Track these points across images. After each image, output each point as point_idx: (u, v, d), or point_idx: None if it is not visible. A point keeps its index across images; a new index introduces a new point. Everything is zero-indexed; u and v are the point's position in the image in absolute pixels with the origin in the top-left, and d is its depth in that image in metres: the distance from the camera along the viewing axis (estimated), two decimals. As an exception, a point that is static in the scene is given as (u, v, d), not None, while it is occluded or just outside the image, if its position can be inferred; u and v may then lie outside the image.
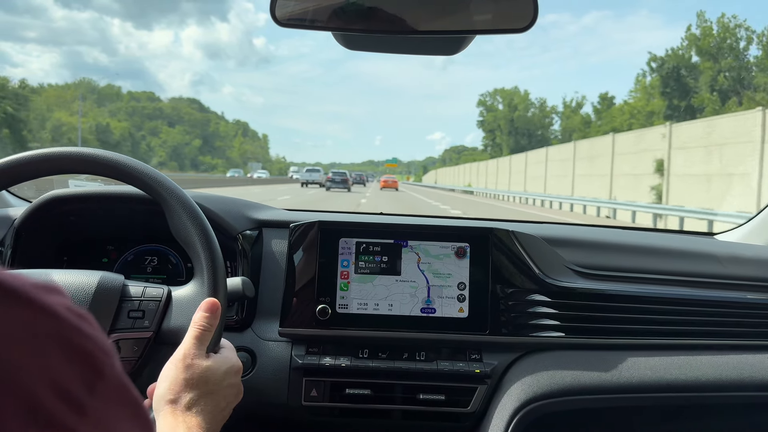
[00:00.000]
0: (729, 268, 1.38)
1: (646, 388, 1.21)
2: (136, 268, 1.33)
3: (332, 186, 35.72)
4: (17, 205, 1.45)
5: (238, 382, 0.86)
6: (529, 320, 1.23)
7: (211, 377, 0.81)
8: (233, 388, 0.85)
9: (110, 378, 0.36)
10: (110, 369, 0.36)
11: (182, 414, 0.77)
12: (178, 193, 0.93)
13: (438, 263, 1.23)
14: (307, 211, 1.49)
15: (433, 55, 1.02)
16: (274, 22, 0.90)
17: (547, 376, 1.19)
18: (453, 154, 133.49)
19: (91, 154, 0.94)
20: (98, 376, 0.35)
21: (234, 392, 0.86)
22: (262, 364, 1.19)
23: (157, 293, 0.93)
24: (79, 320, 0.35)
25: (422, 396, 1.18)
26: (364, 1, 0.88)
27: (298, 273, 1.22)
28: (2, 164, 0.93)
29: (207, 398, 0.80)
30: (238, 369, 0.87)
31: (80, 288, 0.90)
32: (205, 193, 1.30)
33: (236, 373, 0.86)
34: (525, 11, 0.86)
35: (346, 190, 35.63)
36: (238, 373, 0.87)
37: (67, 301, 0.36)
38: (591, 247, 1.36)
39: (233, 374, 0.85)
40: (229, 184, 37.25)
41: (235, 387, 0.86)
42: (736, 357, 1.27)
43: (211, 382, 0.81)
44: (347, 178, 37.27)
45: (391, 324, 1.20)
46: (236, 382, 0.86)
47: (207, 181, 39.05)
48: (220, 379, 0.82)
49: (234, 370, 0.86)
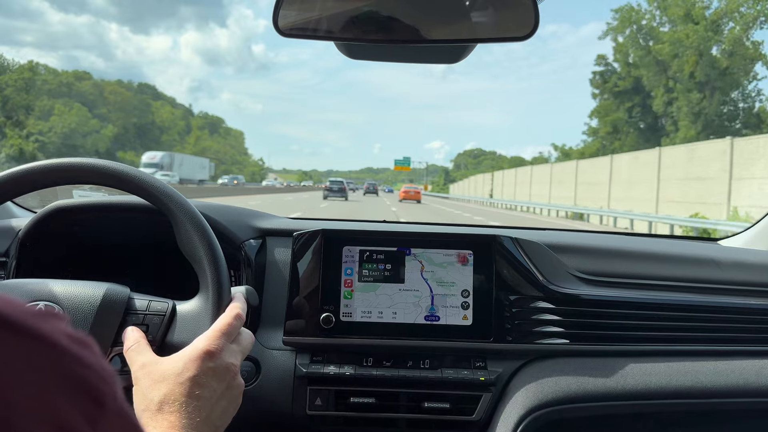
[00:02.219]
0: (733, 274, 1.37)
1: (651, 395, 1.20)
2: (140, 279, 1.33)
3: (329, 195, 36.20)
4: (22, 215, 1.46)
5: (239, 384, 0.86)
6: (533, 327, 1.23)
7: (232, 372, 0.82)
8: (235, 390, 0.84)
9: (112, 410, 0.34)
10: (112, 400, 0.34)
11: (207, 407, 0.77)
12: (185, 206, 0.94)
13: (442, 271, 1.23)
14: (310, 220, 1.49)
15: (435, 64, 1.03)
16: (277, 32, 0.90)
17: (552, 384, 1.19)
18: (468, 158, 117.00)
19: (97, 164, 0.94)
20: (100, 410, 0.33)
21: (236, 404, 0.85)
22: (266, 373, 1.19)
23: (162, 307, 0.93)
24: (80, 348, 0.33)
25: (427, 404, 1.18)
26: (366, 11, 0.88)
27: (302, 281, 1.23)
28: (7, 175, 0.94)
29: (228, 394, 0.81)
30: (241, 384, 0.86)
31: (85, 300, 0.90)
32: (209, 203, 1.31)
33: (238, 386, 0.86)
34: (526, 20, 0.87)
35: (344, 198, 36.15)
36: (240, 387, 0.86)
37: (66, 326, 0.34)
38: (594, 253, 1.36)
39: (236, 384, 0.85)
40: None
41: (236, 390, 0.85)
42: (741, 363, 1.27)
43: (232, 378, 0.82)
44: (344, 186, 38.11)
45: (395, 332, 1.20)
46: (239, 383, 0.85)
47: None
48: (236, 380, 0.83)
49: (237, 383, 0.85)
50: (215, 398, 0.79)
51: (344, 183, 39.11)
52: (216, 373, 0.80)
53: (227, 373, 0.81)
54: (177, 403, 0.76)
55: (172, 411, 0.75)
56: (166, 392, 0.76)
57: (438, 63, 1.01)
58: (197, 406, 0.76)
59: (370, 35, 0.90)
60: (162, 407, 0.76)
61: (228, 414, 0.83)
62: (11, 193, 0.96)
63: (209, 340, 0.81)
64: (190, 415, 0.75)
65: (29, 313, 0.32)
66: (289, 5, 0.90)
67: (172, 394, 0.76)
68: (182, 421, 0.74)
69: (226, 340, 0.83)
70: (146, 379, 0.79)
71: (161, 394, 0.76)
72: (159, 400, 0.76)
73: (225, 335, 0.83)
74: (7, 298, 0.32)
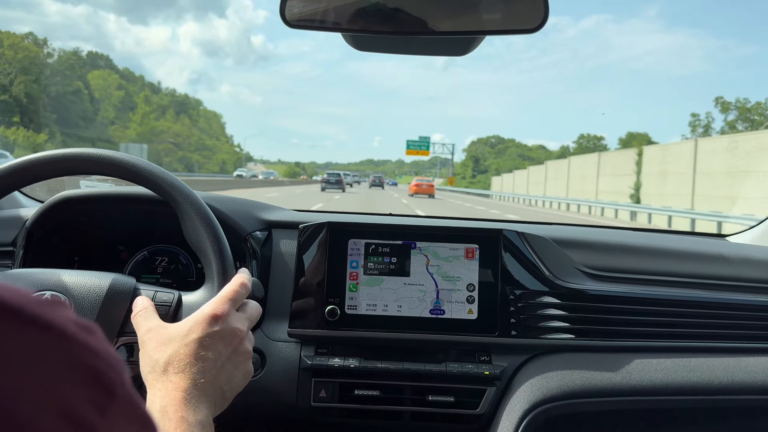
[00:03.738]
0: (741, 270, 1.36)
1: (657, 391, 1.20)
2: (146, 269, 1.34)
3: (327, 187, 37.33)
4: (29, 205, 1.46)
5: (248, 358, 0.86)
6: (538, 322, 1.22)
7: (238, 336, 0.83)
8: (245, 358, 0.85)
9: (121, 397, 0.34)
10: (121, 387, 0.34)
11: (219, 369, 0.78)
12: (192, 197, 0.94)
13: (447, 266, 1.23)
14: (316, 212, 1.49)
15: (443, 56, 1.02)
16: (284, 24, 0.90)
17: (557, 378, 1.18)
18: (486, 147, 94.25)
19: (105, 155, 0.95)
20: (109, 397, 0.33)
21: (243, 370, 0.85)
22: (271, 365, 1.19)
23: (168, 298, 0.93)
24: (87, 335, 0.33)
25: (431, 397, 1.18)
26: (374, 2, 0.87)
27: (308, 274, 1.23)
28: (14, 165, 0.94)
29: (234, 359, 0.81)
30: (249, 351, 0.86)
31: (92, 290, 0.91)
32: (215, 194, 1.31)
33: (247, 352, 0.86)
34: (536, 11, 0.86)
35: (341, 190, 37.25)
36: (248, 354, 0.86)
37: (73, 314, 0.34)
38: (601, 248, 1.35)
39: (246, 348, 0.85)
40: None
41: (245, 360, 0.85)
42: (748, 360, 1.26)
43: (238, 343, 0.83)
44: (341, 179, 39.62)
45: (400, 325, 1.20)
46: (247, 354, 0.86)
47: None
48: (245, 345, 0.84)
49: (250, 340, 0.86)
50: (221, 361, 0.80)
51: (341, 175, 40.57)
52: (222, 336, 0.81)
53: (233, 337, 0.82)
54: (182, 363, 0.77)
55: (176, 372, 0.76)
56: (171, 353, 0.78)
57: (446, 55, 1.00)
58: (202, 367, 0.77)
59: (377, 26, 0.89)
60: (167, 368, 0.77)
61: (234, 380, 0.83)
62: (18, 183, 0.96)
63: (215, 304, 0.83)
64: (194, 376, 0.76)
65: (36, 301, 0.32)
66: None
67: (177, 355, 0.77)
68: (187, 382, 0.75)
69: (232, 305, 0.84)
70: (152, 341, 0.80)
71: (167, 356, 0.77)
72: (164, 362, 0.77)
73: (231, 301, 0.85)
74: (13, 288, 0.31)
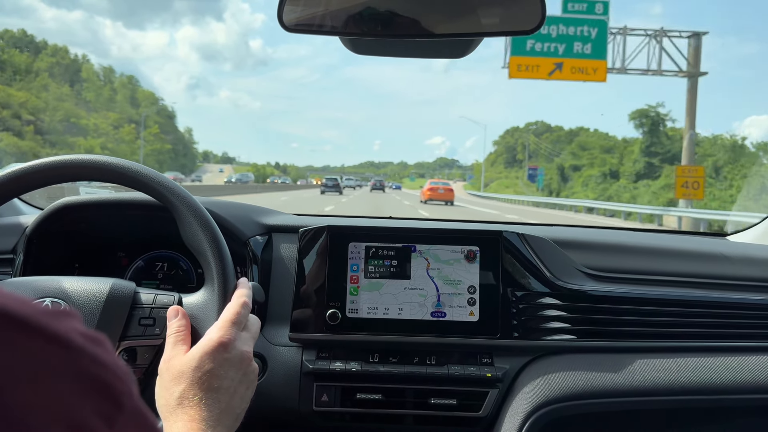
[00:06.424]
0: (743, 270, 1.36)
1: (659, 391, 1.19)
2: (146, 275, 1.34)
3: (326, 190, 39.12)
4: (29, 212, 1.46)
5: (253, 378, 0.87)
6: (540, 323, 1.22)
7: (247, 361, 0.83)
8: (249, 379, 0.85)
9: (129, 408, 0.34)
10: (128, 398, 0.34)
11: (227, 398, 0.78)
12: (189, 201, 0.94)
13: (448, 268, 1.22)
14: (316, 216, 1.49)
15: (441, 58, 1.02)
16: (282, 28, 0.90)
17: (559, 380, 1.18)
18: (531, 137, 71.47)
19: (103, 161, 0.95)
20: (117, 409, 0.33)
21: (253, 387, 0.86)
22: (272, 370, 1.19)
23: (168, 300, 0.93)
24: (94, 347, 0.33)
25: (433, 400, 1.17)
26: (371, 6, 0.88)
27: (308, 278, 1.22)
28: (14, 173, 0.94)
29: (245, 380, 0.82)
30: (255, 369, 0.87)
31: (92, 295, 0.91)
32: (215, 199, 1.31)
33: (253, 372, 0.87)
34: (533, 13, 0.86)
35: (338, 193, 38.91)
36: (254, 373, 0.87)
37: (80, 324, 0.33)
38: (601, 249, 1.35)
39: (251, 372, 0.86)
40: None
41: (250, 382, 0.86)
42: (750, 359, 1.26)
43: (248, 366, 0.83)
44: (338, 182, 42.02)
45: (401, 328, 1.20)
46: (252, 376, 0.86)
47: None
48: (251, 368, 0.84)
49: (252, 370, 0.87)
50: (234, 387, 0.81)
51: (338, 180, 43.34)
52: (232, 363, 0.81)
53: (242, 361, 0.83)
54: (197, 397, 0.77)
55: (192, 405, 0.77)
56: (185, 387, 0.78)
57: (444, 57, 1.01)
58: (217, 398, 0.78)
59: (375, 30, 0.89)
60: (182, 402, 0.77)
61: (247, 399, 0.84)
62: (17, 191, 0.96)
63: (221, 330, 0.83)
64: (210, 408, 0.77)
65: (42, 312, 0.31)
66: (295, 0, 0.89)
67: (191, 389, 0.78)
68: (202, 414, 0.76)
69: (237, 329, 0.84)
70: (167, 374, 0.81)
71: (180, 390, 0.78)
72: (178, 396, 0.77)
73: (235, 324, 0.84)
74: (18, 297, 0.31)
